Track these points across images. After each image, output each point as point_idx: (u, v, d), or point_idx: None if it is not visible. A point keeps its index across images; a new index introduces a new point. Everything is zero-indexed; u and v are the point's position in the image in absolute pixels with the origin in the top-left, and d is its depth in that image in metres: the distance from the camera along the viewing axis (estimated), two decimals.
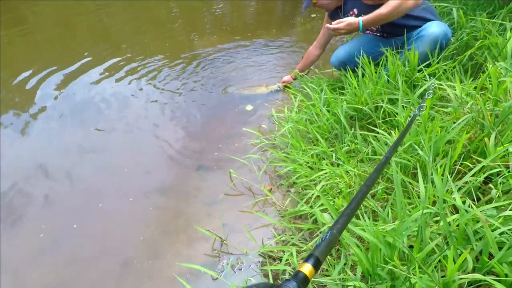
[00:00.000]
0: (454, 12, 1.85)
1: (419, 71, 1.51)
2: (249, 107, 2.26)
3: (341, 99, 1.52)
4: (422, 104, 1.05)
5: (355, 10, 1.83)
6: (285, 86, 2.37)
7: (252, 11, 4.92)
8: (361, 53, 1.80)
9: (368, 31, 1.93)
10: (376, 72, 1.56)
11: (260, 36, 3.49)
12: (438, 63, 1.53)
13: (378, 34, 1.89)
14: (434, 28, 1.57)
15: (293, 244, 1.17)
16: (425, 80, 1.46)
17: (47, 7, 6.00)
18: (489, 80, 1.15)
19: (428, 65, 1.53)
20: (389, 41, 1.84)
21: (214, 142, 1.97)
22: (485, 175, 0.94)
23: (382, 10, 1.57)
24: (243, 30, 3.81)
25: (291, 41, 3.34)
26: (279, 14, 4.66)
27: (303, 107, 1.77)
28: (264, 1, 5.36)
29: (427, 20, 1.68)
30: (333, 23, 1.64)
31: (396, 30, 1.73)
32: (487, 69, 1.19)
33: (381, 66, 1.65)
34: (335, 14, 1.95)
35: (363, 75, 1.62)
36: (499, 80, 1.02)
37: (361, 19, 1.60)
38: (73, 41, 4.01)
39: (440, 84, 1.31)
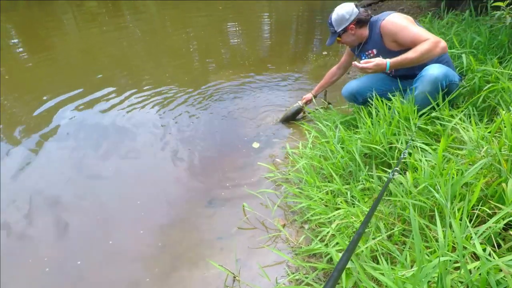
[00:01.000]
0: (463, 58, 1.91)
1: (422, 114, 1.55)
2: (255, 145, 2.28)
3: (356, 137, 1.55)
4: (396, 168, 1.09)
5: (374, 51, 1.87)
6: (306, 103, 2.45)
7: (267, 44, 5.16)
8: (370, 89, 1.91)
9: None
10: (389, 108, 1.61)
11: (273, 70, 3.63)
12: (440, 105, 1.56)
13: (389, 74, 1.96)
14: (434, 70, 1.60)
15: (307, 284, 1.15)
16: (438, 122, 1.48)
17: (72, 35, 6.44)
18: (504, 123, 1.16)
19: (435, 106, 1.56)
20: (396, 81, 1.89)
21: (227, 174, 2.00)
22: (505, 221, 0.93)
23: (410, 55, 1.60)
24: (257, 64, 3.97)
25: (302, 77, 3.45)
26: (293, 49, 4.87)
27: (317, 143, 1.80)
28: (279, 34, 5.64)
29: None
30: (361, 62, 1.68)
31: (408, 73, 1.79)
32: (500, 114, 1.22)
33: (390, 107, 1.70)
34: (355, 49, 2.03)
35: (376, 114, 1.66)
36: None
37: (388, 61, 1.64)
38: (94, 69, 4.25)
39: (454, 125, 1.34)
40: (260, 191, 1.72)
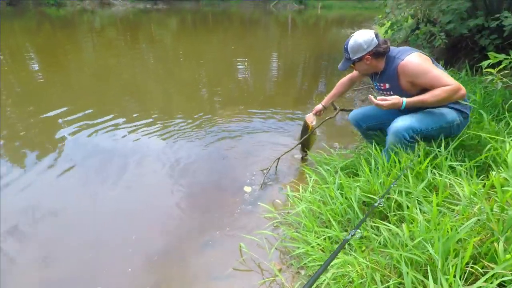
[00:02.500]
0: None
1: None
2: (247, 189, 2.23)
3: (355, 185, 1.60)
4: (356, 230, 1.09)
5: (387, 85, 1.83)
6: (316, 114, 2.32)
7: (274, 83, 5.39)
8: (374, 118, 2.04)
9: None
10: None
11: (278, 110, 3.75)
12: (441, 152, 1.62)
13: None
14: (397, 122, 1.69)
15: None
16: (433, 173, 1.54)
17: (88, 59, 6.76)
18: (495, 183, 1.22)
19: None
20: (403, 113, 1.87)
21: (225, 213, 2.01)
22: (498, 281, 0.95)
23: (428, 98, 1.60)
24: (263, 102, 4.13)
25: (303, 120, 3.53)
26: (298, 90, 5.07)
27: (317, 188, 1.85)
28: (286, 75, 5.90)
29: (447, 106, 1.73)
30: (378, 98, 1.66)
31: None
32: (492, 174, 1.28)
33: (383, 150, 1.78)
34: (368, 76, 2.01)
35: (375, 163, 1.73)
36: (503, 188, 1.10)
37: (405, 101, 1.62)
38: (104, 92, 4.47)
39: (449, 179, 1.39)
40: (257, 232, 1.74)
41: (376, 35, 1.73)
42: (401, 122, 1.68)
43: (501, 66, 1.81)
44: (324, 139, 2.96)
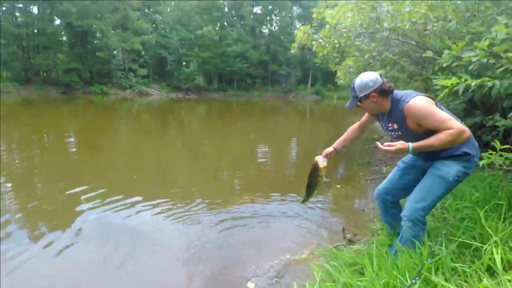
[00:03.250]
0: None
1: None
2: (250, 285, 2.16)
3: (358, 285, 1.60)
4: None
5: (395, 125, 1.84)
6: (326, 156, 2.16)
7: (293, 171, 5.59)
8: (394, 186, 2.05)
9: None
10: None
11: (293, 197, 3.82)
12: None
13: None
14: (405, 211, 1.82)
15: None
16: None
17: (121, 140, 7.44)
18: None
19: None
20: (417, 167, 1.97)
21: None
22: None
23: (433, 142, 1.63)
24: (281, 189, 4.15)
25: (324, 210, 3.48)
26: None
27: (323, 285, 1.83)
28: (304, 162, 6.12)
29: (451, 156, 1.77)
30: (384, 144, 1.70)
31: (429, 155, 1.85)
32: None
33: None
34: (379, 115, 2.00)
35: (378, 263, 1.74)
36: None
37: (411, 145, 1.66)
38: (130, 172, 4.79)
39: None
40: None
41: (380, 75, 1.81)
42: (408, 212, 1.80)
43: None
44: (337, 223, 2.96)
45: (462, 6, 2.88)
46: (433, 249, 1.69)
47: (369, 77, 1.79)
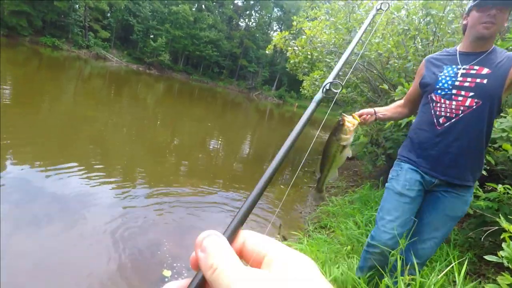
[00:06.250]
0: None
1: None
2: (166, 273, 2.05)
3: None
4: None
5: (485, 70, 1.34)
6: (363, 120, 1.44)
7: (242, 164, 5.70)
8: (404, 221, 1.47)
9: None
10: None
11: (240, 191, 3.94)
12: None
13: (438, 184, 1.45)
14: (430, 247, 1.52)
15: None
16: None
17: (65, 102, 6.85)
18: None
19: None
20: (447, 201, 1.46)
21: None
22: None
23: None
24: (227, 180, 4.31)
25: (255, 209, 3.59)
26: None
27: None
28: (255, 157, 6.28)
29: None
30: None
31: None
32: None
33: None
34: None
35: None
36: None
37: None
38: (70, 137, 4.52)
39: None
40: None
41: None
42: (433, 245, 1.51)
43: None
44: None
45: (421, 51, 3.26)
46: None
47: None
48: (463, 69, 1.37)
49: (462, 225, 2.52)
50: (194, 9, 35.79)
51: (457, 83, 1.37)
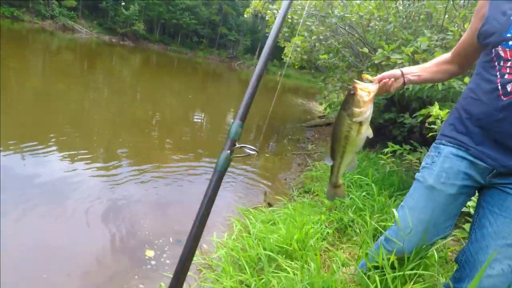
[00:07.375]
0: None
1: None
2: (149, 253, 2.05)
3: (269, 237, 1.83)
4: None
5: None
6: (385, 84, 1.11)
7: (227, 129, 5.67)
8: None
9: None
10: None
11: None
12: None
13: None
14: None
15: None
16: None
17: (33, 80, 6.47)
18: None
19: None
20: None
21: (145, 254, 2.02)
22: None
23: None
24: (205, 154, 4.24)
25: (241, 178, 3.57)
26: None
27: (239, 236, 2.03)
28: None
29: None
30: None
31: None
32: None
33: None
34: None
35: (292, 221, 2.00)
36: None
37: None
38: (43, 118, 4.29)
39: None
40: None
41: None
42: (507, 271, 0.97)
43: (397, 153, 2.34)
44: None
45: (402, 12, 3.23)
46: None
47: None
48: None
49: None
50: None
51: None
